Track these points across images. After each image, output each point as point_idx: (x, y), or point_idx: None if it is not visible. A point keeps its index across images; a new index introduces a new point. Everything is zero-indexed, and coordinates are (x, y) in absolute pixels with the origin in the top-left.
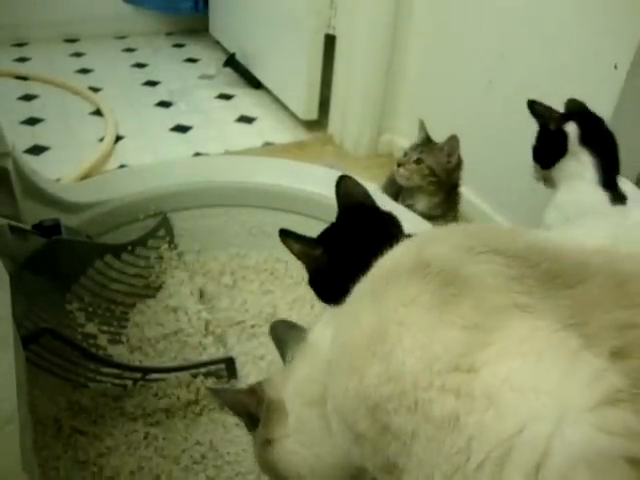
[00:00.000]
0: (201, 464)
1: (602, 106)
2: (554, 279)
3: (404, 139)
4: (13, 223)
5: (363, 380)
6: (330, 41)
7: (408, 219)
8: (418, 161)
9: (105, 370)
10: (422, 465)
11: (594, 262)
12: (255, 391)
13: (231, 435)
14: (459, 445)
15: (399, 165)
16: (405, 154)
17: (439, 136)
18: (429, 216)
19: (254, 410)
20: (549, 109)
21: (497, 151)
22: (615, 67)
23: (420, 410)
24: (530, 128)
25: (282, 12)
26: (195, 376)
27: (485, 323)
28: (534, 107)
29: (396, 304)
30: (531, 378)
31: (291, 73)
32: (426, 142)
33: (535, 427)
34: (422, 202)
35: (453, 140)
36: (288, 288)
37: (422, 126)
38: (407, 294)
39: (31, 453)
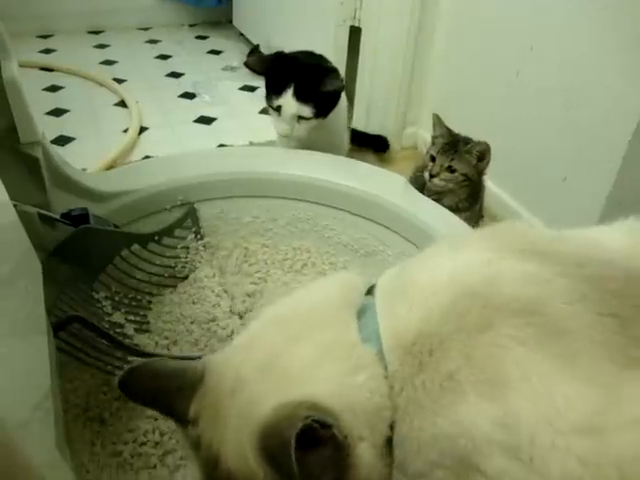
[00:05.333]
0: None
1: (634, 102)
2: None
3: (429, 132)
4: (43, 212)
5: (471, 418)
6: (355, 33)
7: (438, 213)
8: (451, 169)
9: (132, 359)
10: None
11: None
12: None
13: None
14: None
15: (432, 176)
16: (432, 158)
17: (464, 130)
18: (456, 209)
19: None
20: None
21: (524, 144)
22: None
23: (537, 467)
24: (559, 120)
25: (306, 3)
26: None
27: (606, 380)
28: None
29: (509, 341)
30: None
31: None
32: (449, 138)
33: None
34: (450, 198)
35: (484, 146)
36: (317, 279)
37: (438, 121)
38: (521, 334)
39: (63, 438)
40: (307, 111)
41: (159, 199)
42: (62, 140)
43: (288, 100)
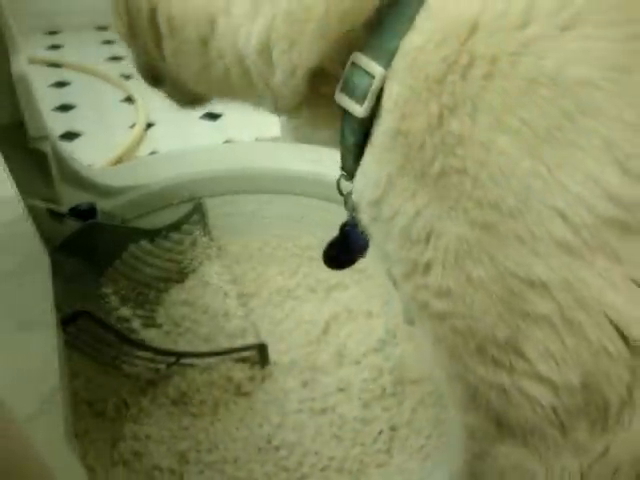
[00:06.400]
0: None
1: None
2: None
3: None
4: (50, 206)
5: None
6: None
7: None
8: None
9: (139, 354)
10: None
11: None
12: None
13: (264, 422)
14: None
15: None
16: None
17: None
18: None
19: None
20: None
21: None
22: None
23: None
24: None
25: None
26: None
27: None
28: None
29: None
30: None
31: None
32: None
33: None
34: None
35: None
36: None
37: None
38: None
39: (72, 435)
40: None
41: (166, 194)
42: (69, 136)
43: None
